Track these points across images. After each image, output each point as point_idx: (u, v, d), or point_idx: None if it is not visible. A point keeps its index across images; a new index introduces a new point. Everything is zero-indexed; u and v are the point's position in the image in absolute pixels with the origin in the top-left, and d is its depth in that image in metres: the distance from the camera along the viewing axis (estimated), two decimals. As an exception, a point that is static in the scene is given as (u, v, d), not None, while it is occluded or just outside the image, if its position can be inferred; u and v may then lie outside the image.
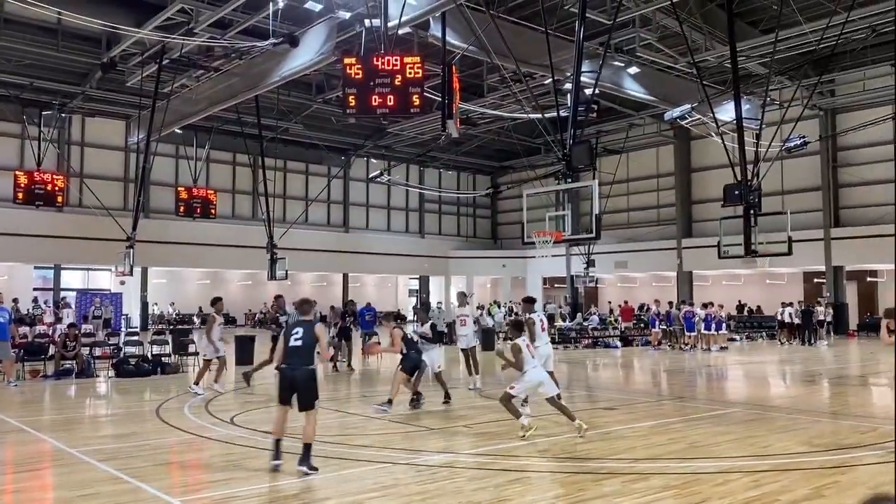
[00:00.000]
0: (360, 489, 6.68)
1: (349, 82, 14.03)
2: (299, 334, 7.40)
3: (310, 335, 7.41)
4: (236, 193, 39.61)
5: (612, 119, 35.29)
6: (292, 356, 7.38)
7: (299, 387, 7.33)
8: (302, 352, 7.37)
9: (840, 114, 32.65)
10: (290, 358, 7.40)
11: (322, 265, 41.52)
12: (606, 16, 20.43)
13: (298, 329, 7.46)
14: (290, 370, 7.38)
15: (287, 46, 20.32)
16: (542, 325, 11.05)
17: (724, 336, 25.75)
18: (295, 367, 7.35)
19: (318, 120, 34.57)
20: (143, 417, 11.04)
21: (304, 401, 7.32)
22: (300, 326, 7.51)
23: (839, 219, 33.05)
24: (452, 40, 18.32)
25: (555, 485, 7.11)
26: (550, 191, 22.58)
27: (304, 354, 7.38)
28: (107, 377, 15.92)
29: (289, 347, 7.40)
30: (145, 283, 36.41)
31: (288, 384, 7.39)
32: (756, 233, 15.67)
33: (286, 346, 7.43)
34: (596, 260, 35.33)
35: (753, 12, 23.83)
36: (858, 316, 33.59)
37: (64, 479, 7.18)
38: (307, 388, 7.36)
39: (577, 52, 15.17)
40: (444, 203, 48.46)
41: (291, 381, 7.36)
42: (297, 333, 7.41)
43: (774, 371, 18.87)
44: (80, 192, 30.15)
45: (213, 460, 8.14)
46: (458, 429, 9.66)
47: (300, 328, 7.47)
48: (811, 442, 8.77)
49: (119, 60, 24.09)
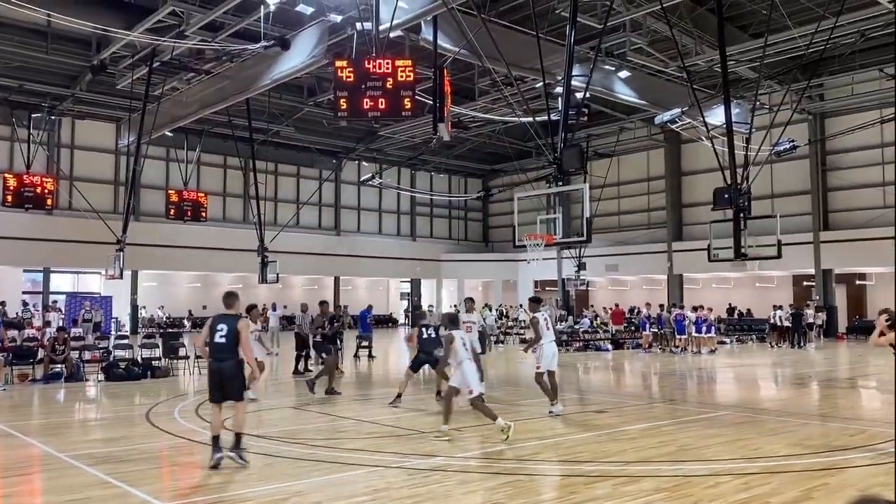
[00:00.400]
0: (352, 493, 6.67)
1: (341, 85, 14.02)
2: (223, 331, 7.67)
3: (233, 331, 7.67)
4: (227, 196, 39.51)
5: (603, 123, 35.39)
6: (218, 350, 7.68)
7: (226, 379, 7.67)
8: (227, 346, 7.66)
9: (829, 118, 32.86)
10: (215, 353, 7.70)
11: (313, 268, 41.43)
12: (597, 20, 20.51)
13: (223, 325, 7.70)
14: (217, 364, 7.69)
15: (278, 49, 20.31)
16: (546, 324, 11.23)
17: (714, 339, 25.84)
18: (221, 361, 7.67)
19: (309, 123, 34.52)
20: (132, 421, 10.99)
21: (231, 392, 7.68)
22: (224, 322, 7.74)
23: (828, 222, 33.24)
24: (444, 44, 18.34)
25: (546, 488, 7.13)
26: (541, 194, 22.51)
27: (229, 349, 7.68)
28: (96, 381, 15.84)
29: (214, 342, 7.67)
30: (135, 287, 36.23)
31: (216, 378, 7.71)
32: (746, 236, 15.71)
33: (211, 340, 7.70)
34: (587, 263, 35.43)
35: (743, 17, 23.96)
36: (847, 319, 33.78)
37: (53, 484, 7.14)
38: (234, 380, 7.70)
39: (568, 55, 15.21)
40: (435, 206, 48.47)
41: (218, 375, 7.68)
42: (222, 330, 7.68)
43: (764, 374, 18.95)
44: (70, 195, 30.01)
45: (203, 464, 8.11)
46: (449, 432, 9.65)
47: (224, 324, 7.71)
48: (801, 444, 8.82)
49: (109, 63, 24.00)
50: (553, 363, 11.10)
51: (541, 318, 11.16)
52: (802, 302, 31.32)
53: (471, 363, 9.43)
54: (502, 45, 17.43)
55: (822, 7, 18.93)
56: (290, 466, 7.72)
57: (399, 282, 48.50)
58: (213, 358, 7.73)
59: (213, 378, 7.75)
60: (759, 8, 22.36)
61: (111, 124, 33.76)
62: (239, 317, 8.02)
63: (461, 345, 9.37)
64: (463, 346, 9.40)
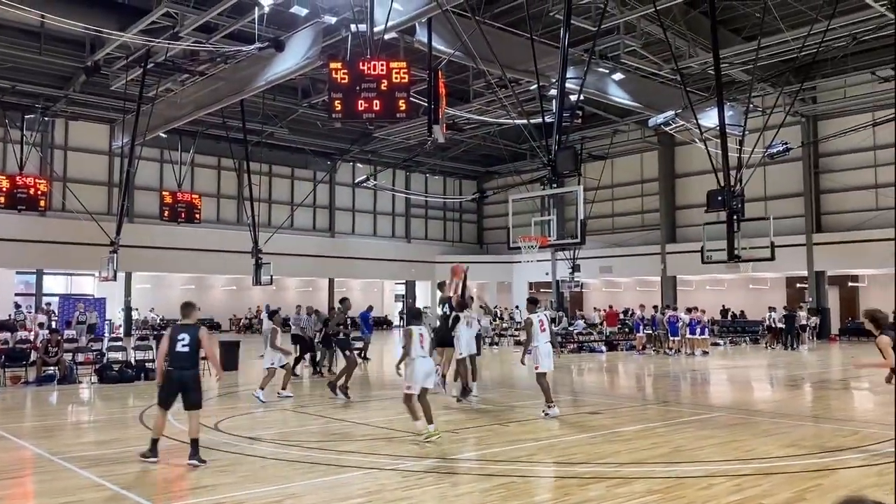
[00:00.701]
0: (346, 495, 6.67)
1: (335, 87, 14.02)
2: (186, 340, 7.93)
3: (195, 340, 7.97)
4: (221, 198, 39.45)
5: (597, 125, 35.49)
6: (180, 360, 7.93)
7: (188, 388, 7.92)
8: (189, 356, 7.95)
9: (822, 120, 33.00)
10: (177, 361, 7.93)
11: (308, 270, 41.40)
12: (591, 22, 20.57)
13: (184, 335, 7.96)
14: (179, 372, 7.93)
15: (273, 51, 20.30)
16: (541, 325, 11.27)
17: (708, 341, 25.90)
18: (184, 369, 7.95)
19: (303, 124, 34.52)
20: (126, 424, 10.95)
21: (192, 401, 7.90)
22: (185, 332, 7.99)
23: (821, 224, 33.38)
24: (438, 46, 18.37)
25: (540, 489, 7.14)
26: (536, 196, 22.62)
27: (192, 358, 7.99)
28: (90, 383, 15.78)
29: (175, 352, 7.90)
30: (129, 289, 36.14)
31: (177, 386, 7.92)
32: (739, 238, 15.79)
33: (172, 350, 7.92)
34: (581, 265, 35.51)
35: (736, 20, 24.07)
36: (840, 320, 33.91)
37: (46, 487, 7.12)
38: (196, 390, 7.99)
39: (562, 58, 15.26)
40: (430, 208, 48.48)
41: (179, 383, 7.91)
42: (184, 340, 7.93)
43: (757, 375, 19.00)
44: (64, 197, 29.95)
45: (196, 466, 8.09)
46: (443, 434, 9.66)
47: (185, 333, 7.97)
48: (794, 446, 8.85)
49: (103, 64, 23.96)
50: (550, 363, 11.20)
51: (535, 320, 11.23)
52: (796, 304, 31.43)
53: (424, 360, 9.20)
54: (497, 48, 17.47)
55: (815, 10, 19.03)
56: (284, 468, 7.72)
57: (394, 283, 48.48)
58: (175, 367, 7.95)
59: (174, 386, 7.94)
60: (753, 11, 22.45)
61: (105, 126, 33.70)
62: (199, 326, 8.24)
63: (417, 341, 9.15)
64: (420, 343, 9.16)
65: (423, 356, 9.25)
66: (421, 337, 9.24)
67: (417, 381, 9.10)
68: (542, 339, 11.18)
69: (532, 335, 11.17)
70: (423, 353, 9.25)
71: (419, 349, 9.19)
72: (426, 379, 9.21)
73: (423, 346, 9.25)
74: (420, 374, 9.12)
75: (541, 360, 11.08)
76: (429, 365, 9.35)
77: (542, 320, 11.44)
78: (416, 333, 9.21)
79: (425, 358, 9.29)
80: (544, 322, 11.46)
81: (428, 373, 9.27)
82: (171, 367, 7.97)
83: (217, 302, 41.55)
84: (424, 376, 9.18)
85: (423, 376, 9.16)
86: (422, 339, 9.24)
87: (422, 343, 9.23)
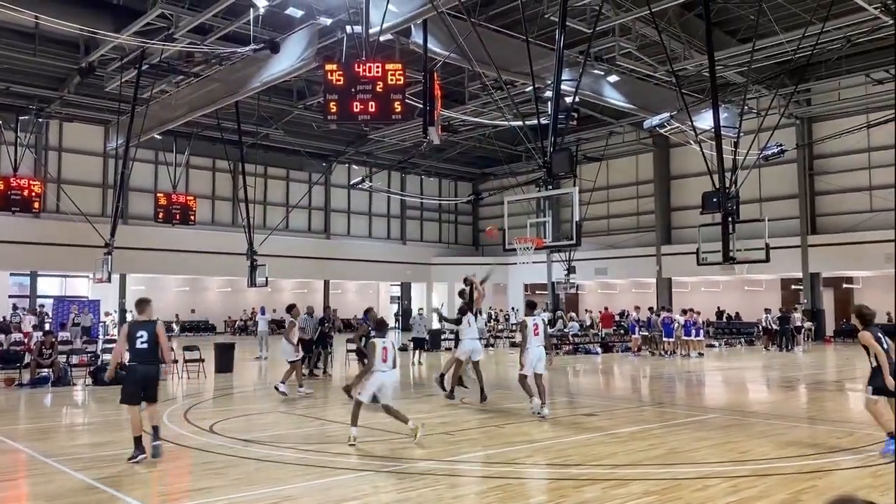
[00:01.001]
0: (341, 497, 6.66)
1: (330, 88, 14.01)
2: (144, 337, 8.18)
3: (153, 335, 8.21)
4: (216, 200, 39.38)
5: (592, 127, 35.55)
6: (142, 355, 8.19)
7: (150, 383, 8.25)
8: (150, 350, 8.20)
9: (816, 122, 33.12)
10: (139, 357, 8.20)
11: (303, 272, 41.34)
12: (586, 24, 20.60)
13: (142, 332, 8.21)
14: (144, 367, 8.22)
15: (268, 52, 20.27)
16: (535, 329, 11.36)
17: (703, 342, 25.94)
18: (148, 364, 8.24)
19: (299, 126, 34.48)
20: (120, 426, 10.88)
21: (152, 395, 8.25)
22: (143, 328, 8.24)
23: (816, 226, 33.47)
24: (434, 47, 18.36)
25: (536, 491, 7.13)
26: (531, 198, 22.60)
27: (151, 353, 8.23)
28: (84, 385, 15.72)
29: (136, 348, 8.18)
30: (124, 290, 36.02)
31: (141, 381, 8.20)
32: (734, 240, 15.81)
33: (133, 346, 8.20)
34: (576, 266, 35.51)
35: (731, 22, 24.14)
36: (835, 322, 34.01)
37: (40, 489, 7.08)
38: (155, 384, 8.34)
39: (558, 60, 15.26)
40: (425, 210, 48.46)
41: (144, 378, 8.21)
42: (143, 336, 8.19)
43: (752, 377, 19.03)
44: (58, 198, 29.82)
45: (191, 469, 8.08)
46: (439, 436, 9.65)
47: (143, 330, 8.22)
48: (789, 447, 8.86)
49: (98, 65, 23.90)
50: (539, 366, 11.30)
51: (530, 323, 11.34)
52: (790, 305, 31.51)
53: (382, 374, 8.88)
54: (492, 49, 17.47)
55: (809, 13, 19.09)
56: (279, 471, 7.70)
57: (389, 285, 48.44)
58: (139, 362, 8.20)
59: (139, 382, 8.19)
60: (747, 13, 22.53)
61: (99, 127, 33.61)
62: (156, 321, 8.45)
63: (380, 355, 8.88)
64: (382, 357, 8.89)
65: (385, 370, 8.93)
66: (385, 350, 8.96)
67: (365, 390, 8.92)
68: (534, 343, 11.29)
69: (526, 337, 11.29)
70: (386, 367, 8.93)
71: (380, 363, 8.91)
72: (381, 391, 8.93)
73: (387, 359, 8.94)
74: (374, 387, 8.90)
75: (526, 363, 11.22)
76: (389, 378, 9.03)
77: (537, 324, 11.50)
78: (380, 346, 8.96)
79: (386, 372, 8.94)
80: (539, 326, 11.52)
81: (386, 385, 8.98)
82: (135, 363, 8.22)
83: (212, 304, 41.49)
84: (378, 388, 8.90)
85: (378, 388, 8.90)
86: (385, 352, 8.95)
87: (385, 356, 8.93)
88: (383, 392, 8.92)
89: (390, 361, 8.97)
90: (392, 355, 8.99)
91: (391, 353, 8.99)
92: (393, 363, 9.01)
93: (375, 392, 8.86)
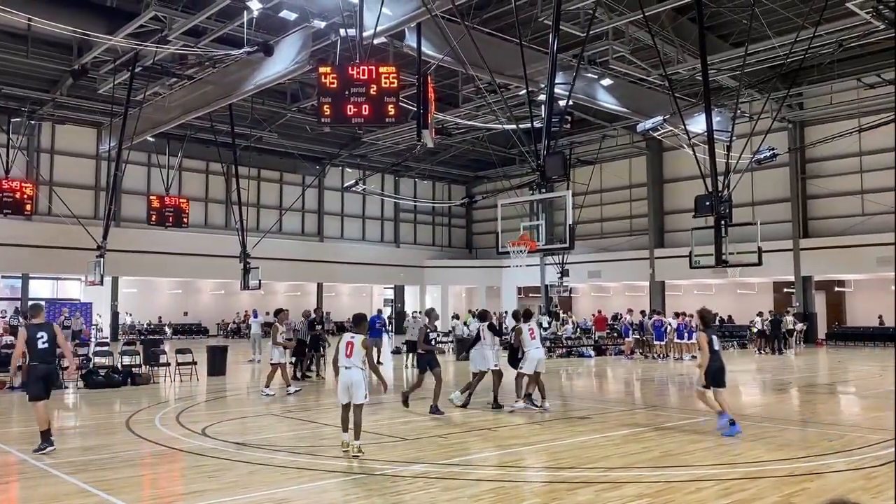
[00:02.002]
0: (334, 501, 6.65)
1: (324, 91, 14.01)
2: (45, 338, 8.85)
3: (52, 336, 8.91)
4: (209, 202, 39.29)
5: (586, 130, 35.63)
6: (44, 355, 8.85)
7: (51, 380, 9.14)
8: (51, 350, 8.93)
9: (808, 126, 33.27)
10: (41, 356, 8.82)
11: (296, 274, 41.28)
12: (580, 28, 20.66)
13: (42, 333, 8.87)
14: (45, 366, 8.86)
15: (261, 55, 20.26)
16: (531, 333, 12.17)
17: (695, 345, 25.96)
18: (48, 363, 8.94)
19: (292, 129, 34.44)
20: (112, 429, 10.87)
21: (49, 391, 8.98)
22: (42, 330, 8.91)
23: (808, 230, 33.61)
24: (427, 51, 18.38)
25: (529, 494, 7.13)
26: (525, 201, 22.69)
27: (53, 352, 9.01)
28: (76, 388, 15.65)
29: (38, 349, 8.79)
30: (116, 293, 35.91)
31: (44, 379, 8.84)
32: (727, 243, 15.87)
33: (34, 347, 8.79)
34: (570, 269, 35.54)
35: (724, 26, 24.24)
36: (827, 325, 34.14)
37: (31, 493, 7.05)
38: (53, 381, 9.30)
39: (551, 63, 15.30)
40: (419, 213, 48.48)
41: (47, 375, 8.91)
42: (43, 337, 8.85)
43: (744, 380, 19.08)
44: (50, 201, 29.73)
45: (184, 472, 8.05)
46: (432, 439, 9.65)
47: (43, 331, 8.90)
48: (781, 449, 8.89)
49: (90, 67, 23.83)
50: (540, 366, 12.06)
51: (525, 329, 12.12)
52: (783, 308, 31.62)
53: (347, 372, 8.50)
54: (486, 53, 17.49)
55: (802, 17, 19.19)
56: (272, 474, 7.68)
57: (382, 288, 48.41)
58: (41, 361, 8.83)
59: (43, 379, 8.84)
60: (740, 17, 22.63)
61: (92, 129, 33.48)
62: (51, 324, 9.26)
63: (343, 351, 8.56)
64: (346, 353, 8.52)
65: (349, 367, 8.52)
66: (349, 346, 8.55)
67: (339, 392, 8.64)
68: (532, 346, 12.08)
69: (523, 342, 12.10)
70: (348, 363, 8.52)
71: (344, 359, 8.55)
72: (343, 393, 8.56)
73: (353, 356, 8.51)
74: (340, 385, 8.59)
75: (526, 364, 12.04)
76: (349, 377, 8.49)
77: (532, 328, 12.31)
78: (344, 342, 8.64)
79: (350, 369, 8.51)
80: (534, 330, 12.34)
81: (347, 384, 8.50)
82: (37, 363, 8.81)
83: (205, 306, 41.38)
84: (344, 389, 8.54)
85: (343, 389, 8.55)
86: (349, 347, 8.53)
87: (348, 351, 8.53)
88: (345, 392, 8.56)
89: (357, 359, 8.53)
90: (357, 353, 8.53)
91: (356, 350, 8.55)
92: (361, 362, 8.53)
93: (343, 393, 8.60)
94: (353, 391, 8.48)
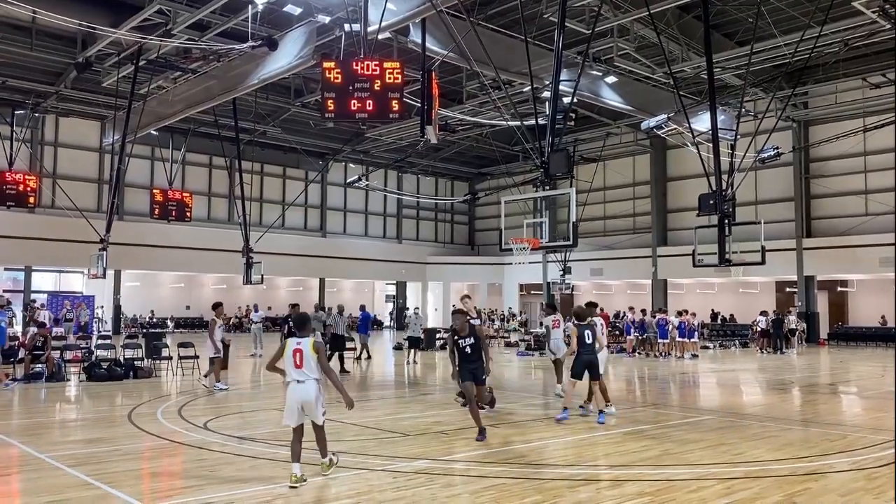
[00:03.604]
0: (336, 496, 6.65)
1: (328, 86, 13.98)
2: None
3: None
4: (212, 196, 39.33)
5: (590, 127, 35.59)
6: None
7: None
8: None
9: (813, 126, 33.20)
10: None
11: (298, 270, 41.32)
12: (585, 25, 20.62)
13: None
14: None
15: (266, 49, 20.23)
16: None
17: (697, 344, 25.98)
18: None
19: (296, 123, 34.45)
20: (114, 422, 10.88)
21: None
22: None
23: (811, 229, 33.56)
24: (432, 46, 18.36)
25: (530, 491, 7.12)
26: (528, 198, 22.69)
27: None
28: (78, 381, 15.68)
29: None
30: (118, 286, 35.96)
31: None
32: (730, 242, 15.86)
33: None
34: (572, 267, 35.54)
35: (729, 24, 24.18)
36: (829, 325, 34.11)
37: (33, 485, 7.06)
38: None
39: (556, 60, 15.28)
40: (421, 209, 48.48)
41: None
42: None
43: (746, 379, 19.06)
44: (53, 193, 29.74)
45: (186, 466, 8.06)
46: (434, 435, 9.65)
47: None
48: (783, 449, 8.88)
49: (94, 60, 23.85)
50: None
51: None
52: (785, 308, 31.58)
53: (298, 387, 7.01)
54: (490, 49, 17.47)
55: (807, 16, 19.13)
56: (273, 468, 7.68)
57: (384, 284, 48.45)
58: None
59: None
60: (745, 16, 22.57)
61: (96, 122, 33.51)
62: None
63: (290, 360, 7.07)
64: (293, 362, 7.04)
65: (302, 380, 7.01)
66: (297, 353, 7.04)
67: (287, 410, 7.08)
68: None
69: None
70: (300, 376, 7.02)
71: (294, 370, 7.04)
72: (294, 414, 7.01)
73: (304, 366, 7.02)
74: (290, 402, 7.04)
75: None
76: (304, 393, 6.98)
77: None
78: (290, 349, 7.11)
79: (303, 383, 6.99)
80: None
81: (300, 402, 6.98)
82: None
83: (207, 300, 41.28)
84: (295, 409, 7.01)
85: (294, 409, 7.02)
86: (298, 355, 7.03)
87: (297, 361, 7.02)
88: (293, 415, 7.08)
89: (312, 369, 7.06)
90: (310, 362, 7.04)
91: (308, 359, 7.04)
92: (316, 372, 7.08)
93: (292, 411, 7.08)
94: (309, 410, 7.01)
